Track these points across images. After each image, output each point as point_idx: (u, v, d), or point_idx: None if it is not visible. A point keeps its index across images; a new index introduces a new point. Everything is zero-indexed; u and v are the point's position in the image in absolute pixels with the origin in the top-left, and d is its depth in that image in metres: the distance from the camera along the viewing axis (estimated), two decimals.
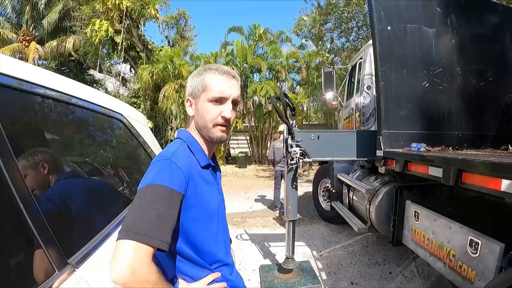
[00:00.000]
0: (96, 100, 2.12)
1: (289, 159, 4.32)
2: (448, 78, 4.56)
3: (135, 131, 2.70)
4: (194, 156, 1.51)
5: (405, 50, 4.35)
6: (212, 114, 1.49)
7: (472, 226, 2.97)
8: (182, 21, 26.61)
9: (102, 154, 2.38)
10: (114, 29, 18.61)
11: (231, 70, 1.59)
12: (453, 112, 4.58)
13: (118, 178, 2.54)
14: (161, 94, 17.86)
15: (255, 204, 10.53)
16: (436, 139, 4.36)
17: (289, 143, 4.35)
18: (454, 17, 4.68)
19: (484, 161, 2.48)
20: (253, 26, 19.79)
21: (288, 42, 21.92)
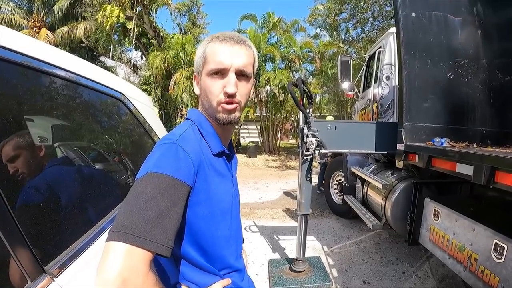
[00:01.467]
0: (90, 75, 1.83)
1: (304, 150, 4.16)
2: (473, 70, 4.33)
3: (137, 112, 2.42)
4: (205, 141, 1.28)
5: (430, 39, 4.13)
6: (214, 90, 1.25)
7: (498, 229, 2.77)
8: (195, 8, 26.51)
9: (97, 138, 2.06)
10: (125, 15, 18.51)
11: (236, 34, 1.32)
12: (478, 106, 4.34)
13: (116, 165, 2.25)
14: (172, 81, 17.80)
15: (265, 195, 10.40)
16: (459, 134, 4.14)
17: (305, 132, 4.19)
18: (481, 7, 4.45)
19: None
20: (267, 14, 19.64)
21: (302, 32, 21.76)
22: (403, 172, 4.99)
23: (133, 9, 18.98)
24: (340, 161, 7.52)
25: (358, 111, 7.66)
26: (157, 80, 19.56)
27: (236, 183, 1.46)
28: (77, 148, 1.83)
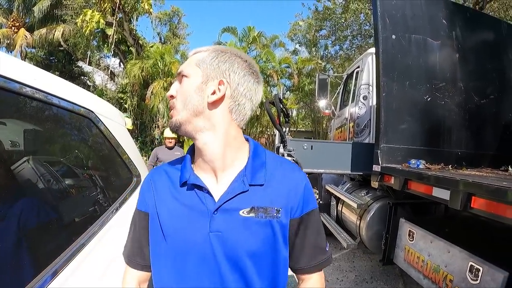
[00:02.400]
0: (58, 92, 1.63)
1: None
2: (450, 93, 4.42)
3: (107, 131, 2.17)
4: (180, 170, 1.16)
5: (409, 61, 4.18)
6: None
7: (473, 251, 2.80)
8: (176, 18, 26.49)
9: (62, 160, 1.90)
10: (105, 21, 18.28)
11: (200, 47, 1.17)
12: (454, 129, 4.44)
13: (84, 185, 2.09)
14: (149, 91, 17.59)
15: None
16: (435, 156, 4.19)
17: (281, 151, 4.16)
18: (459, 31, 4.57)
19: (501, 187, 2.27)
20: (247, 28, 19.76)
21: (281, 47, 22.03)
22: (378, 191, 5.00)
23: (114, 16, 18.75)
24: (314, 179, 7.50)
25: (334, 129, 7.71)
26: (134, 89, 19.29)
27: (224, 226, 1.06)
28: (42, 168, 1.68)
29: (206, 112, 1.08)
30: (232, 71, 1.10)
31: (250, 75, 1.13)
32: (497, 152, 4.70)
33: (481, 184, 2.47)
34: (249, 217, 1.05)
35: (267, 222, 1.06)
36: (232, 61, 1.11)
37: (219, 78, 1.08)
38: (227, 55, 1.12)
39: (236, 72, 1.10)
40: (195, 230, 1.05)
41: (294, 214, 1.11)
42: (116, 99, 20.75)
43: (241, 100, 1.11)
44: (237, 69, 1.10)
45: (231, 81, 1.09)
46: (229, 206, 1.06)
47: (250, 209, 1.06)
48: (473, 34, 4.74)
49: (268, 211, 1.06)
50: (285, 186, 1.12)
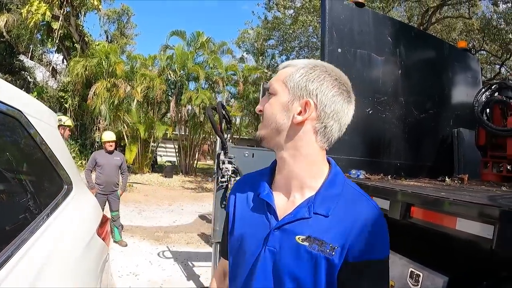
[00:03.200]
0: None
1: (220, 176, 4.09)
2: (391, 107, 4.56)
3: (36, 134, 1.96)
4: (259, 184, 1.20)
5: (353, 75, 4.26)
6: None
7: (413, 258, 2.87)
8: (125, 17, 25.96)
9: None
10: (52, 14, 17.50)
11: (288, 61, 1.17)
12: (393, 141, 4.59)
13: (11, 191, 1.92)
14: (92, 91, 16.97)
15: (179, 218, 10.18)
16: (375, 166, 4.32)
17: (221, 159, 4.13)
18: (403, 49, 4.74)
19: (439, 198, 2.38)
20: (196, 33, 19.59)
21: (229, 54, 21.95)
22: None
23: (61, 9, 18.02)
24: None
25: None
26: (76, 88, 18.55)
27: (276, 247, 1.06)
28: None
29: (290, 131, 1.07)
30: (320, 91, 1.05)
31: (339, 95, 1.08)
32: (434, 163, 4.92)
33: (420, 195, 2.58)
34: (302, 245, 1.02)
35: (317, 255, 1.00)
36: (321, 80, 1.06)
37: (306, 98, 1.05)
38: (316, 73, 1.07)
39: (324, 93, 1.05)
40: (255, 240, 1.10)
41: (349, 256, 0.99)
42: (56, 98, 19.91)
43: (328, 122, 1.07)
44: (326, 89, 1.06)
45: (318, 102, 1.05)
46: (288, 227, 1.05)
47: (306, 237, 1.02)
48: (416, 52, 4.95)
49: (322, 245, 1.00)
50: (349, 223, 1.02)
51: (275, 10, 17.08)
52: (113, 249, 6.49)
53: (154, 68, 19.48)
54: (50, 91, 21.53)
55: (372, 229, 1.02)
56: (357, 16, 4.41)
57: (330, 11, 4.17)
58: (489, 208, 1.99)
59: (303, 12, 15.17)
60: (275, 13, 17.34)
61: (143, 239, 7.60)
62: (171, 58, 19.29)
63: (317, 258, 1.00)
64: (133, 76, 18.02)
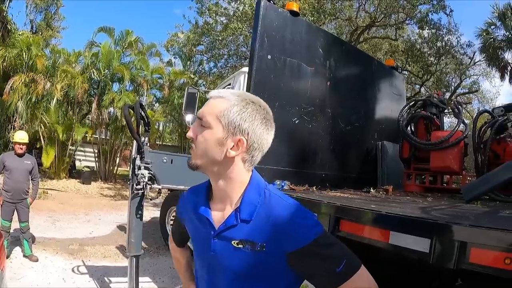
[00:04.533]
0: None
1: (135, 183, 3.83)
2: (318, 118, 4.58)
3: None
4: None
5: (281, 83, 4.22)
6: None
7: None
8: (53, 7, 24.51)
9: None
10: None
11: (219, 91, 1.28)
12: (319, 152, 4.62)
13: None
14: (8, 86, 15.55)
15: (96, 229, 9.49)
16: (300, 177, 4.26)
17: (137, 164, 3.88)
18: (333, 61, 4.79)
19: (371, 211, 2.33)
20: (125, 31, 18.79)
21: (157, 57, 21.37)
22: None
23: None
24: (176, 196, 7.24)
25: None
26: None
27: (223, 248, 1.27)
28: None
29: (223, 163, 1.21)
30: (251, 130, 1.19)
31: (266, 130, 1.23)
32: (359, 174, 5.02)
33: (350, 208, 2.52)
34: (238, 247, 1.22)
35: (252, 253, 1.20)
36: (252, 119, 1.19)
37: (239, 135, 1.18)
38: (248, 111, 1.19)
39: (254, 131, 1.19)
40: (205, 246, 1.30)
41: (285, 248, 1.18)
42: None
43: (255, 153, 1.23)
44: (256, 128, 1.19)
45: (249, 139, 1.19)
46: (224, 234, 1.25)
47: (239, 241, 1.21)
48: (346, 66, 5.05)
49: (254, 245, 1.19)
50: (271, 222, 1.20)
51: (207, 16, 16.93)
52: (23, 265, 6.00)
53: (78, 65, 18.37)
54: None
55: (292, 223, 1.20)
56: (290, 25, 4.38)
57: (264, 17, 4.10)
58: (425, 221, 1.99)
59: (235, 20, 15.14)
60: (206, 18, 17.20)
61: (56, 253, 6.97)
62: (96, 56, 18.30)
63: (253, 256, 1.20)
64: (55, 72, 16.83)
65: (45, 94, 16.20)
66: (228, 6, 16.01)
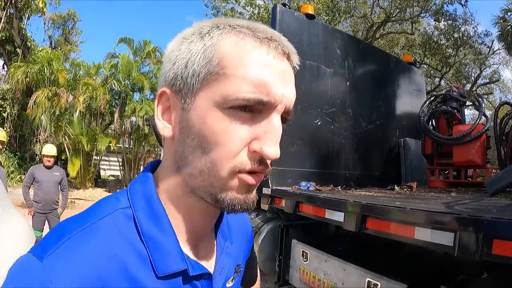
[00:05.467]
0: None
1: None
2: (339, 118, 4.61)
3: None
4: (145, 249, 0.64)
5: (302, 86, 4.26)
6: (231, 142, 0.62)
7: (368, 267, 2.86)
8: (70, 23, 25.10)
9: None
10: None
11: (284, 39, 0.72)
12: (342, 151, 4.63)
13: None
14: (32, 100, 16.08)
15: None
16: (325, 177, 4.31)
17: None
18: (352, 61, 4.81)
19: (396, 208, 2.36)
20: (143, 42, 19.13)
21: None
22: (268, 213, 4.99)
23: (4, 10, 17.08)
24: None
25: None
26: (16, 96, 17.54)
27: None
28: None
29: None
30: None
31: None
32: (382, 172, 5.03)
33: (376, 206, 2.54)
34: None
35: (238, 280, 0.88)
36: None
37: None
38: None
39: None
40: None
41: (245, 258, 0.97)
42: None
43: None
44: None
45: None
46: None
47: (231, 279, 0.83)
48: (364, 65, 5.05)
49: (239, 268, 0.88)
50: (244, 238, 0.97)
51: None
52: None
53: (98, 77, 18.80)
54: None
55: (250, 233, 1.02)
56: (307, 28, 4.43)
57: (281, 22, 4.17)
58: (449, 216, 1.99)
59: None
60: None
61: None
62: (115, 67, 18.69)
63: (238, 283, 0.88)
64: (76, 85, 17.25)
65: (68, 107, 16.59)
66: (243, 11, 16.08)
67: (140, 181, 0.73)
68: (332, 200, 3.04)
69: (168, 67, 0.68)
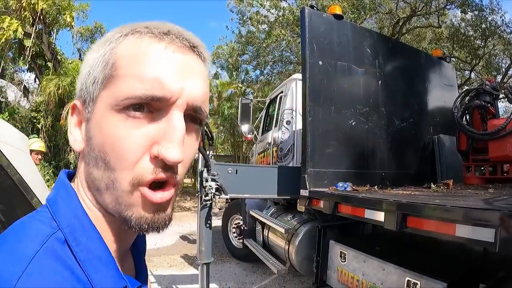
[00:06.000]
0: None
1: (203, 195, 3.99)
2: (373, 117, 4.60)
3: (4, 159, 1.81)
4: (83, 274, 0.59)
5: (335, 87, 4.29)
6: (130, 148, 0.59)
7: (408, 266, 2.86)
8: (98, 35, 25.44)
9: None
10: (24, 31, 17.00)
11: (186, 32, 0.66)
12: (377, 151, 4.62)
13: None
14: (65, 111, 16.49)
15: (160, 240, 9.67)
16: (361, 177, 4.30)
17: (205, 176, 4.02)
18: (382, 59, 4.81)
19: (438, 206, 2.34)
20: None
21: None
22: (304, 215, 5.01)
23: (34, 26, 17.53)
24: (237, 205, 7.41)
25: (257, 153, 7.72)
26: (49, 108, 17.98)
27: None
28: None
29: None
30: None
31: None
32: (417, 171, 4.97)
33: (416, 204, 2.54)
34: None
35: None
36: None
37: None
38: None
39: None
40: None
41: None
42: (29, 118, 19.27)
43: None
44: None
45: None
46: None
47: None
48: (394, 62, 5.03)
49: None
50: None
51: (249, 25, 17.13)
52: None
53: None
54: (22, 112, 20.91)
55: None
56: (336, 28, 4.44)
57: (310, 24, 4.19)
58: (489, 212, 1.98)
59: (277, 26, 15.25)
60: (249, 27, 17.42)
61: None
62: None
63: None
64: None
65: None
66: (268, 14, 16.11)
67: (63, 199, 0.65)
68: (371, 199, 3.05)
69: (78, 78, 0.67)
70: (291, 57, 18.23)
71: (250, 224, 6.52)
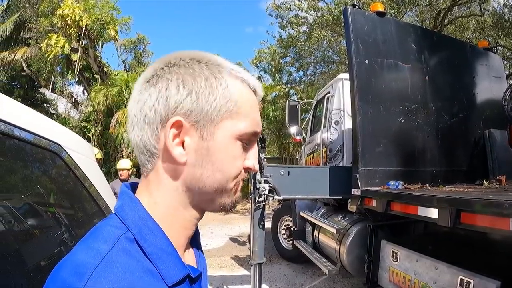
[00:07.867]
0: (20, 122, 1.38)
1: (257, 196, 4.06)
2: (422, 114, 4.53)
3: (76, 167, 1.88)
4: (152, 265, 0.69)
5: (382, 85, 4.27)
6: (238, 164, 0.80)
7: (460, 265, 2.83)
8: (141, 46, 26.22)
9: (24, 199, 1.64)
10: (70, 47, 17.80)
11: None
12: (427, 148, 4.54)
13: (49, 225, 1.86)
14: (114, 120, 17.06)
15: (210, 242, 9.93)
16: (412, 176, 4.24)
17: (258, 178, 4.08)
18: (428, 54, 4.73)
19: (492, 201, 2.33)
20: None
21: None
22: (354, 215, 5.00)
23: (79, 41, 18.33)
24: (287, 206, 7.46)
25: (306, 155, 7.72)
26: (98, 118, 18.67)
27: None
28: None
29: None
30: None
31: None
32: (469, 167, 4.85)
33: (470, 200, 2.52)
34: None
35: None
36: None
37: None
38: None
39: None
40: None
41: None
42: (79, 128, 20.07)
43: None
44: None
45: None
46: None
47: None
48: (440, 56, 4.93)
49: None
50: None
51: (289, 28, 17.15)
52: None
53: None
54: (73, 122, 21.82)
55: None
56: (379, 26, 4.42)
57: (353, 23, 4.19)
58: None
59: (317, 27, 15.19)
60: (289, 31, 17.44)
61: None
62: None
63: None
64: None
65: None
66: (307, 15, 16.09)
67: (129, 206, 0.77)
68: (424, 196, 3.05)
69: (182, 97, 0.74)
70: (333, 56, 18.14)
71: (300, 226, 6.54)
